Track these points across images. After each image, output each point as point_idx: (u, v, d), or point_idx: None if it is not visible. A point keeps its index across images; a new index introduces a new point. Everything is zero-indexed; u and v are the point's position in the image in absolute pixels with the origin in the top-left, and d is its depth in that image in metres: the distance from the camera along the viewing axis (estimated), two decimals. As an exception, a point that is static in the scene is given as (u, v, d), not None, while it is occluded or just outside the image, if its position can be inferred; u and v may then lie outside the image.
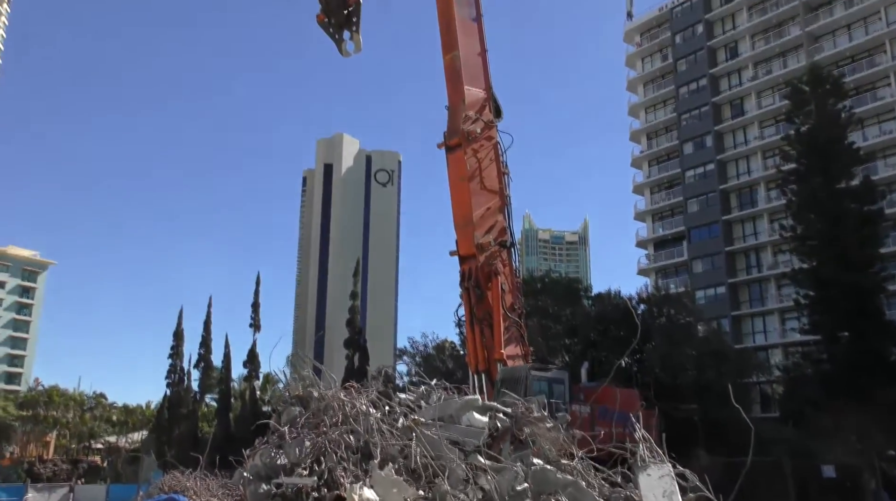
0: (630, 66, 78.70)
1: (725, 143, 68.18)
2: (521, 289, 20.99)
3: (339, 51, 15.16)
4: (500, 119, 18.14)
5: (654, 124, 74.72)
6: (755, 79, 66.62)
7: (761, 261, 63.42)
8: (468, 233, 17.70)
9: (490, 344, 18.31)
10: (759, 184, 64.28)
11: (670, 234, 70.82)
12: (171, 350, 71.63)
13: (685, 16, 73.25)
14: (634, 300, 47.67)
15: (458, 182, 17.18)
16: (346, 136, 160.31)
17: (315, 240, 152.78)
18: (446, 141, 17.02)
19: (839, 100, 42.06)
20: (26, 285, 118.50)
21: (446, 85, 17.23)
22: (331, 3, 14.20)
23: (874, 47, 60.13)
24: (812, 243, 39.28)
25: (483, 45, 17.62)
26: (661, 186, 73.23)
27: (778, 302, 59.63)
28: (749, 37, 67.98)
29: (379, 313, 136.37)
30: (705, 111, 69.43)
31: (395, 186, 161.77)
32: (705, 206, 67.70)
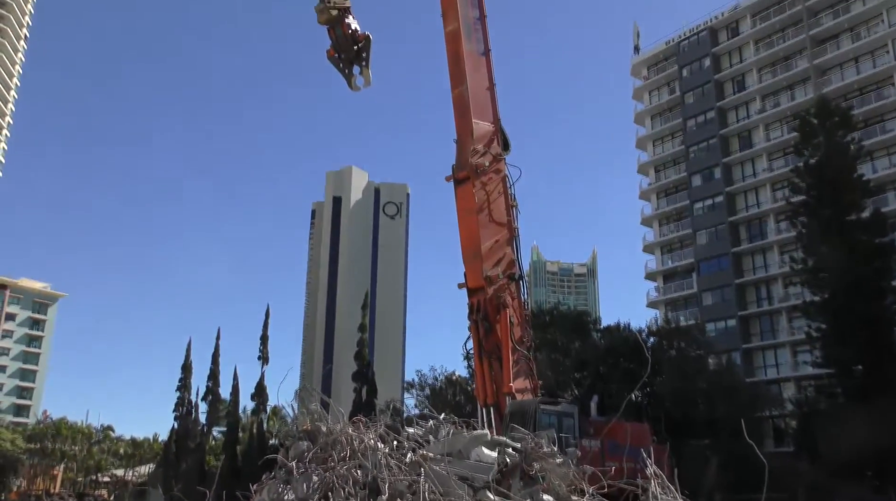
0: (637, 98, 79.18)
1: (734, 175, 68.20)
2: (530, 322, 20.88)
3: (349, 85, 15.32)
4: (508, 152, 18.18)
5: (662, 157, 74.91)
6: (763, 111, 66.84)
7: (772, 293, 62.98)
8: (477, 266, 17.64)
9: (499, 378, 18.16)
10: (768, 216, 64.12)
11: (679, 266, 70.56)
12: (180, 383, 71.62)
13: (692, 49, 73.84)
14: (644, 333, 47.41)
15: (466, 215, 17.18)
16: (355, 168, 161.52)
17: (323, 272, 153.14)
18: (455, 174, 17.07)
19: (848, 132, 42.12)
20: (37, 317, 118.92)
21: (455, 118, 17.32)
22: (341, 39, 14.38)
23: (882, 80, 60.32)
24: (823, 275, 39.03)
25: (491, 79, 17.76)
26: (670, 219, 73.17)
27: (789, 335, 59.06)
28: (756, 70, 68.38)
29: (387, 345, 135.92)
30: (713, 143, 69.60)
31: (404, 218, 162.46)
32: (714, 238, 67.52)
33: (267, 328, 69.34)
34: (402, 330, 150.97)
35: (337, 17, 13.92)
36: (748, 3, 69.95)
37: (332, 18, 13.84)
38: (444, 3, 16.14)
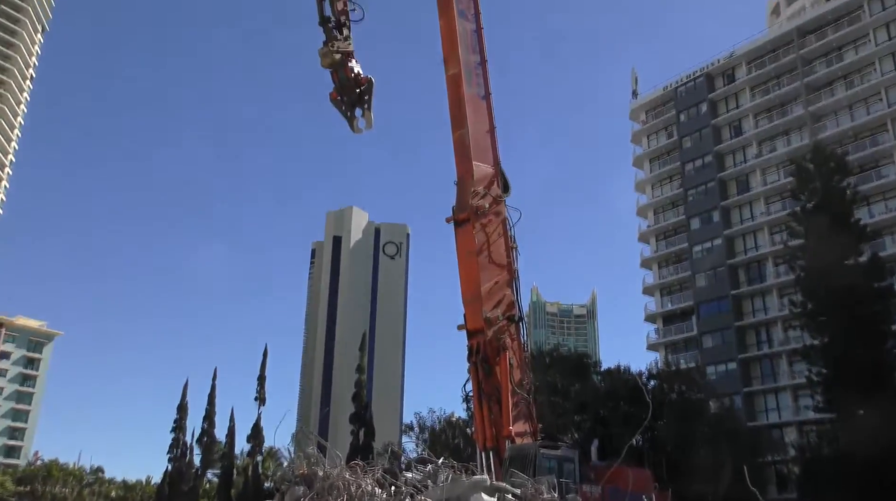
0: (636, 142, 79.96)
1: (732, 218, 68.53)
2: (530, 364, 20.74)
3: (351, 127, 15.49)
4: (508, 194, 18.29)
5: (660, 200, 75.35)
6: (760, 156, 67.49)
7: (772, 336, 62.73)
8: (476, 307, 17.60)
9: (498, 421, 17.97)
10: (766, 259, 64.24)
11: (679, 308, 70.39)
12: (175, 424, 70.81)
13: (689, 95, 74.86)
14: (645, 376, 47.11)
15: (466, 256, 17.19)
16: (355, 208, 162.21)
17: (322, 312, 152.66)
18: (455, 215, 17.15)
19: (844, 177, 42.48)
20: (32, 356, 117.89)
21: (455, 160, 17.45)
22: (344, 82, 14.59)
23: (877, 127, 61.02)
24: (822, 319, 38.93)
25: (492, 122, 17.96)
26: (669, 261, 73.27)
27: (790, 379, 58.66)
28: (752, 115, 69.24)
29: (385, 387, 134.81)
30: (711, 187, 70.10)
31: (404, 258, 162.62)
32: (713, 280, 67.52)
33: (264, 369, 68.90)
34: (400, 372, 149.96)
35: (340, 61, 14.14)
36: (743, 51, 71.18)
37: (335, 62, 14.06)
38: (445, 48, 16.41)
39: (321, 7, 14.09)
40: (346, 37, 14.14)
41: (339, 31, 14.06)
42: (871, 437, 34.03)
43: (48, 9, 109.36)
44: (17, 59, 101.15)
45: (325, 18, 13.91)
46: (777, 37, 69.40)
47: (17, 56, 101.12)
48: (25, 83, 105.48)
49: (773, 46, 69.34)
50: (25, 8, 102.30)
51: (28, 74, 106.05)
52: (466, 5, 16.82)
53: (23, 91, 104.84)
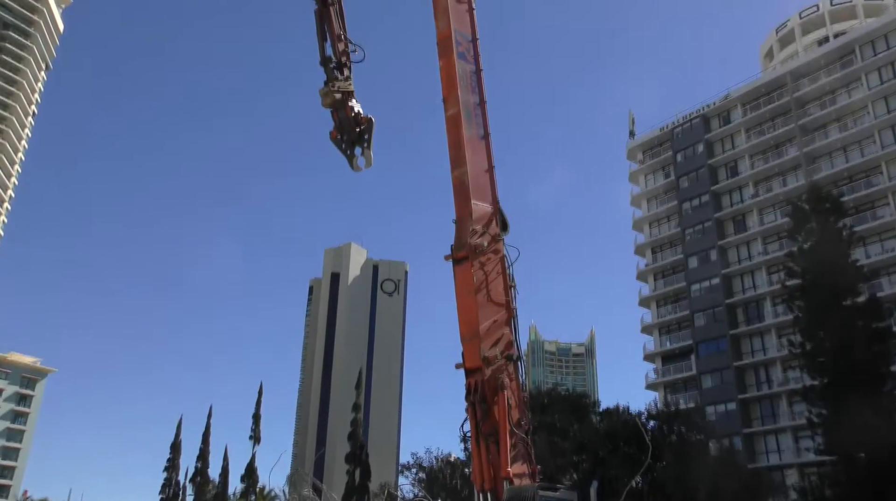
0: (633, 181, 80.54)
1: (730, 257, 68.70)
2: (528, 404, 20.55)
3: (350, 166, 15.55)
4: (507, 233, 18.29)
5: (658, 239, 75.61)
6: (756, 196, 67.96)
7: (771, 377, 62.39)
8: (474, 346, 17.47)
9: (496, 461, 17.69)
10: (765, 299, 64.22)
11: (678, 348, 70.13)
12: (168, 463, 69.95)
13: (686, 135, 75.67)
14: (644, 416, 46.71)
15: (464, 295, 17.13)
16: (354, 245, 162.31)
17: (319, 350, 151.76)
18: (454, 254, 17.13)
19: (840, 218, 42.67)
20: (24, 392, 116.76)
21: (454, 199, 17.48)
22: (344, 121, 14.70)
23: (871, 168, 61.63)
24: (822, 359, 38.75)
25: (490, 161, 18.05)
26: (667, 300, 73.20)
27: (791, 420, 58.17)
28: (748, 156, 69.91)
29: (382, 425, 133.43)
30: (709, 226, 70.42)
31: (402, 296, 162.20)
32: (712, 320, 67.39)
33: (259, 407, 68.18)
34: (397, 410, 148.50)
35: (340, 101, 14.27)
36: (738, 93, 72.19)
37: (335, 102, 14.18)
38: (445, 89, 16.57)
39: (322, 47, 14.28)
40: (346, 77, 14.29)
41: (340, 71, 14.22)
42: (873, 480, 33.62)
43: (52, 46, 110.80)
44: (20, 95, 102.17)
45: (326, 59, 14.08)
46: (771, 80, 70.51)
47: (20, 93, 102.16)
48: (27, 119, 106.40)
49: (768, 89, 70.40)
50: (29, 46, 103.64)
51: (30, 110, 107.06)
52: (466, 48, 17.02)
53: (24, 127, 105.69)
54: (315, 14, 14.40)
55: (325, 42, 14.17)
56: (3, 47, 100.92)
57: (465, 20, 16.98)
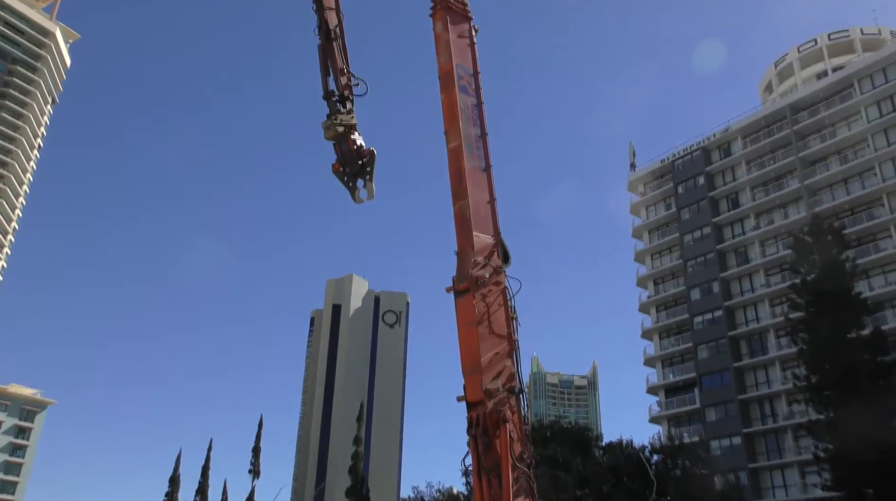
0: (635, 213, 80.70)
1: (732, 289, 68.50)
2: (531, 437, 20.34)
3: (353, 198, 15.59)
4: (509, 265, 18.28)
5: (660, 270, 75.51)
6: (757, 228, 68.00)
7: (776, 410, 61.77)
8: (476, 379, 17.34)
9: (498, 496, 17.45)
10: (768, 331, 63.88)
11: (681, 380, 69.61)
12: (166, 497, 69.09)
13: (686, 168, 76.00)
14: (647, 450, 46.19)
15: (466, 327, 17.01)
16: (355, 276, 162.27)
17: (320, 382, 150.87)
18: (455, 285, 17.10)
19: (842, 250, 42.65)
20: (23, 425, 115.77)
21: (455, 231, 17.47)
22: (346, 154, 14.79)
23: (872, 201, 61.71)
24: (827, 393, 38.41)
25: (492, 193, 18.06)
26: (670, 332, 72.85)
27: (796, 454, 57.47)
28: (749, 188, 70.09)
29: (383, 459, 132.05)
30: (711, 258, 70.34)
31: (403, 327, 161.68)
32: (715, 352, 66.98)
33: (259, 440, 67.64)
34: (398, 443, 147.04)
35: (343, 134, 14.37)
36: (738, 126, 72.68)
37: (338, 135, 14.28)
38: (446, 122, 16.70)
39: (325, 82, 14.44)
40: (349, 110, 14.42)
41: (343, 104, 14.35)
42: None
43: (59, 80, 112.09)
44: (27, 128, 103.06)
45: (329, 92, 14.23)
46: (771, 113, 71.02)
47: (27, 126, 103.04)
48: (33, 152, 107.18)
49: (767, 122, 70.88)
50: (37, 80, 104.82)
51: (36, 143, 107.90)
52: (468, 81, 17.21)
53: (30, 160, 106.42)
54: (318, 49, 14.60)
55: (328, 76, 14.33)
56: (11, 82, 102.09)
57: (467, 55, 17.20)
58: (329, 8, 14.54)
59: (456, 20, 17.39)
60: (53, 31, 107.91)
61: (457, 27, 17.43)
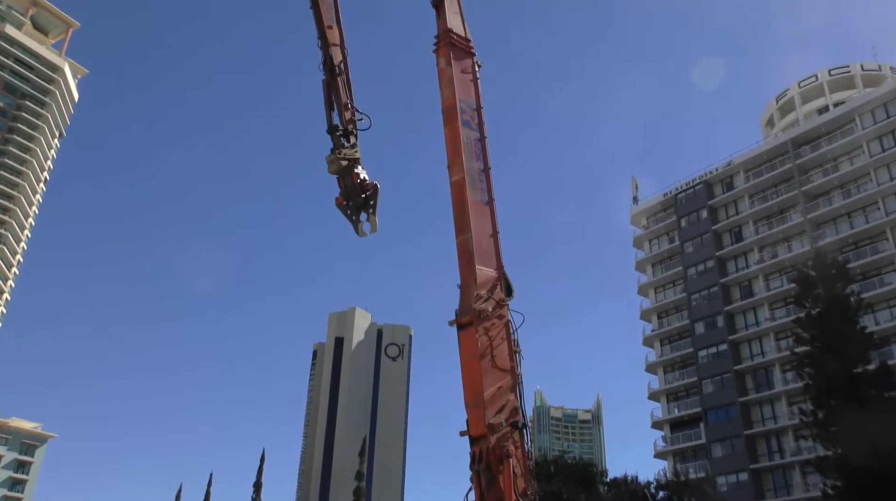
0: (638, 247, 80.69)
1: (737, 323, 68.12)
2: (534, 472, 20.10)
3: (356, 231, 15.62)
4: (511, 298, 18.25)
5: (664, 304, 75.22)
6: (761, 262, 67.84)
7: (783, 446, 60.97)
8: (479, 413, 17.18)
9: (502, 533, 17.20)
10: (773, 365, 63.37)
11: (686, 415, 68.88)
12: (165, 532, 68.11)
13: (689, 201, 76.16)
14: (653, 486, 45.62)
15: (469, 360, 16.93)
16: (358, 309, 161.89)
17: (322, 416, 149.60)
18: (458, 319, 17.04)
19: (846, 284, 42.47)
20: (23, 459, 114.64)
21: (458, 264, 17.47)
22: (350, 188, 14.86)
23: (876, 235, 61.60)
24: (834, 429, 37.96)
25: (495, 226, 18.07)
26: (675, 366, 72.32)
27: (804, 492, 56.52)
28: (752, 222, 70.10)
29: (385, 494, 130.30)
30: (714, 292, 70.09)
31: (406, 360, 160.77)
32: (720, 387, 66.37)
33: (261, 475, 67.09)
34: (401, 479, 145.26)
35: (346, 168, 14.46)
36: (740, 160, 72.97)
37: (342, 169, 14.38)
38: (450, 156, 16.82)
39: (329, 116, 14.58)
40: (352, 144, 14.54)
41: (347, 138, 14.48)
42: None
43: (66, 115, 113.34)
44: (34, 162, 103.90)
45: (333, 127, 14.36)
46: (773, 148, 71.31)
47: (34, 159, 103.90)
48: (39, 185, 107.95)
49: (770, 157, 71.16)
50: (45, 115, 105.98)
51: (42, 176, 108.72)
52: (471, 115, 17.37)
53: (36, 193, 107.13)
54: (323, 84, 14.78)
55: (333, 111, 14.48)
56: (20, 116, 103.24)
57: (470, 89, 17.38)
58: (334, 44, 14.75)
59: (459, 56, 17.62)
60: (62, 67, 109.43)
61: (460, 63, 17.66)
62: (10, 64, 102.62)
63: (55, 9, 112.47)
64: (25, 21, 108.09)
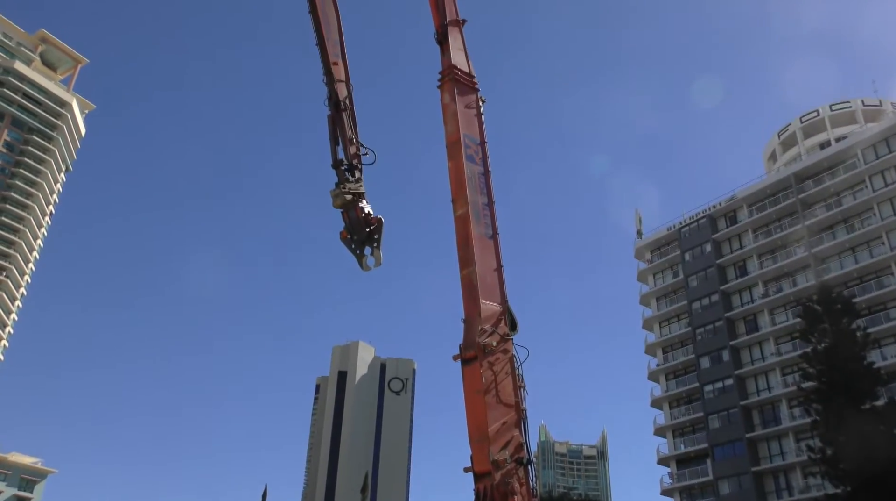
0: (642, 280, 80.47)
1: (742, 358, 67.59)
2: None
3: (360, 265, 15.63)
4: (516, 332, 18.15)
5: (669, 338, 74.77)
6: (766, 296, 67.54)
7: (791, 483, 60.03)
8: (483, 449, 16.96)
9: (506, 572, 16.86)
10: (780, 401, 62.69)
11: (693, 451, 68.00)
12: (163, 571, 66.92)
13: (693, 235, 76.15)
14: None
15: (473, 395, 16.80)
16: (362, 343, 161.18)
17: (325, 450, 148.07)
18: (462, 353, 16.94)
19: (852, 319, 42.21)
20: (22, 495, 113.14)
21: (463, 298, 17.43)
22: (354, 222, 14.92)
23: (881, 269, 61.37)
24: (843, 466, 37.41)
25: (499, 261, 18.08)
26: (680, 401, 71.61)
27: (814, 530, 55.49)
28: (756, 256, 69.97)
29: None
30: (720, 326, 69.68)
31: (409, 394, 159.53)
32: (727, 422, 65.62)
33: (262, 511, 65.79)
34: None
35: (351, 202, 14.54)
36: (744, 195, 73.09)
37: (346, 203, 14.45)
38: (454, 190, 16.90)
39: (334, 151, 14.69)
40: (357, 179, 14.64)
41: (351, 173, 14.58)
42: None
43: (73, 149, 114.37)
44: (39, 196, 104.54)
45: (338, 162, 14.48)
46: (775, 182, 71.47)
47: (39, 194, 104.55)
48: (44, 219, 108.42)
49: (773, 191, 71.30)
50: (52, 149, 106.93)
51: (48, 210, 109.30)
52: (475, 150, 17.49)
53: (41, 226, 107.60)
54: (328, 120, 14.92)
55: (337, 145, 14.60)
56: (27, 151, 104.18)
57: (474, 124, 17.50)
58: (339, 80, 14.94)
59: (463, 91, 17.80)
60: (70, 102, 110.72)
61: (464, 98, 17.83)
62: (18, 99, 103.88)
63: (64, 45, 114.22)
64: (35, 57, 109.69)
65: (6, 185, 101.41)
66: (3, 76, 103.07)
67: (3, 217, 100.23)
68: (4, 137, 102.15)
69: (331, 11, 15.46)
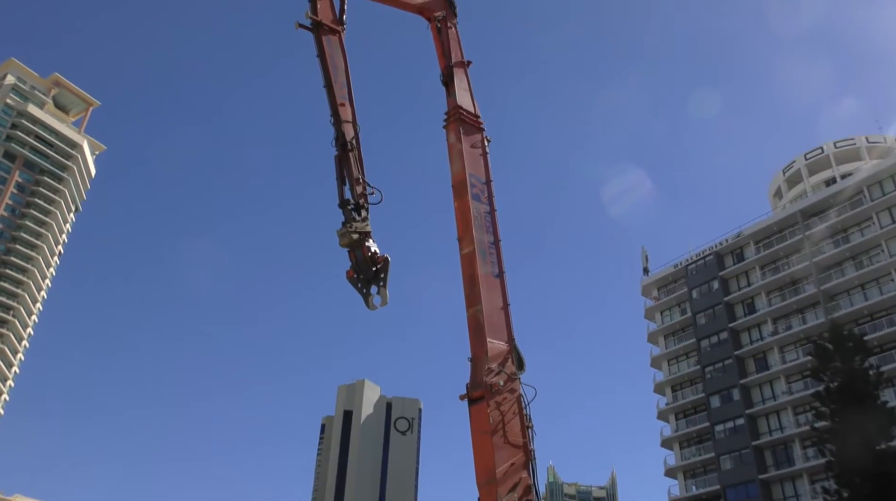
0: (649, 318, 79.94)
1: (753, 397, 66.70)
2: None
3: (366, 304, 15.58)
4: (523, 371, 17.99)
5: (678, 376, 73.96)
6: (776, 334, 66.90)
7: (807, 526, 58.70)
8: (491, 491, 16.67)
9: None
10: (793, 441, 61.65)
11: (704, 493, 66.73)
12: None
13: (700, 272, 75.84)
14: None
15: (480, 436, 16.58)
16: (367, 382, 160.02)
17: (330, 491, 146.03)
18: (469, 393, 16.77)
19: (864, 357, 41.71)
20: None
21: (469, 337, 17.33)
22: (361, 261, 14.91)
23: (892, 306, 60.78)
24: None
25: (506, 299, 18.00)
26: (691, 441, 70.52)
27: (832, 575, 54.00)
28: (765, 293, 69.52)
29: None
30: (729, 364, 68.91)
31: (415, 434, 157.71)
32: (739, 463, 64.49)
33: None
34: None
35: (358, 241, 14.55)
36: (750, 231, 72.92)
37: (353, 242, 14.47)
38: (460, 229, 16.92)
39: (341, 190, 14.76)
40: (363, 218, 14.66)
41: (358, 212, 14.61)
42: None
43: (83, 190, 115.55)
44: (49, 236, 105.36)
45: (344, 201, 14.53)
46: (782, 219, 71.33)
47: (49, 233, 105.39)
48: (53, 259, 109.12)
49: (779, 228, 71.15)
50: (62, 190, 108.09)
51: (57, 250, 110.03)
52: (480, 189, 17.56)
53: (50, 266, 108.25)
54: (335, 160, 15.03)
55: (344, 185, 14.67)
56: (37, 191, 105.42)
57: (480, 163, 17.61)
58: (346, 121, 15.09)
59: (469, 131, 17.95)
60: (81, 144, 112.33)
61: (469, 138, 17.97)
62: (30, 142, 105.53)
63: (76, 88, 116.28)
64: (48, 100, 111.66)
65: (17, 225, 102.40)
66: (17, 119, 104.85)
67: (13, 257, 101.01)
68: (16, 179, 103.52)
69: (338, 55, 15.71)
